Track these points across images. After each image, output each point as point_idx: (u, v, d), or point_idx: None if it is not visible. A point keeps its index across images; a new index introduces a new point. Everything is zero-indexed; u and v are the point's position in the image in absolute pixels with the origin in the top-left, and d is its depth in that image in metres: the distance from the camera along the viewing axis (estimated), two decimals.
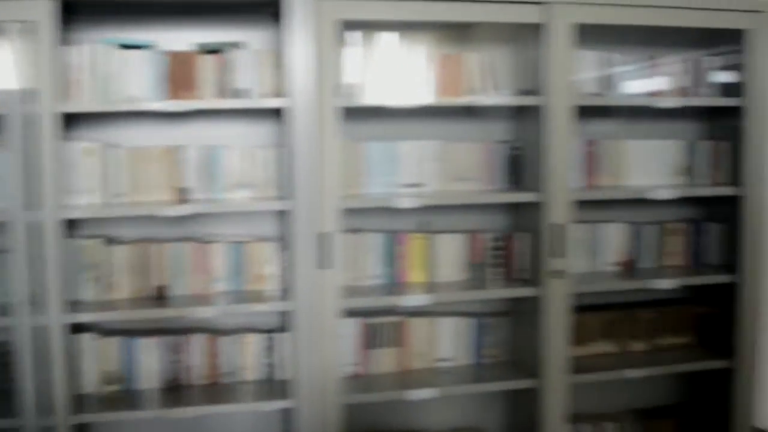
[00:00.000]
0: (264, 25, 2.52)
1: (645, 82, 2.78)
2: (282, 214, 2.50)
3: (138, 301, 2.42)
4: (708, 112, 2.93)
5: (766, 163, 2.72)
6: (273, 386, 2.52)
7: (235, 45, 2.42)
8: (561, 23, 2.46)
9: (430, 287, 2.60)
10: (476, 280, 2.67)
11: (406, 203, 2.46)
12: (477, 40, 2.72)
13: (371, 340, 2.65)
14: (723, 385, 2.86)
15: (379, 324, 2.65)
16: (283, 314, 2.53)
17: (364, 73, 2.50)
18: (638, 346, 2.88)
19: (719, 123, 2.89)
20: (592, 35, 2.62)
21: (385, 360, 2.67)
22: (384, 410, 2.73)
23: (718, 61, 2.83)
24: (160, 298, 2.44)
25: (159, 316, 2.37)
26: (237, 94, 2.38)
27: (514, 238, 2.67)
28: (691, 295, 2.98)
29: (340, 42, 2.37)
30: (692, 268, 2.89)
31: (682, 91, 2.78)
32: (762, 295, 2.79)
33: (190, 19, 2.50)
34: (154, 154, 2.43)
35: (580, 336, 2.75)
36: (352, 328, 2.61)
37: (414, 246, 2.64)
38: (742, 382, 2.81)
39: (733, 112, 2.73)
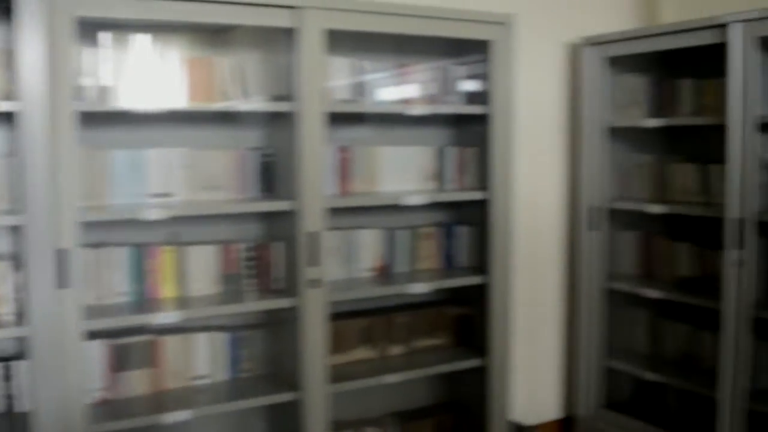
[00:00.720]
0: None
1: (396, 89, 3.21)
2: (14, 230, 2.57)
3: None
4: (456, 119, 3.45)
5: (510, 168, 3.27)
6: (11, 420, 2.56)
7: None
8: (312, 28, 2.79)
9: (183, 302, 2.81)
10: (231, 293, 2.93)
11: (153, 214, 2.63)
12: (230, 44, 2.98)
13: (120, 362, 2.80)
14: (480, 382, 3.37)
15: (129, 344, 2.82)
16: (20, 340, 2.59)
17: (111, 75, 2.64)
18: (396, 350, 3.32)
19: (466, 129, 3.42)
20: (344, 42, 3.01)
21: (136, 382, 2.84)
22: None
23: (466, 69, 3.34)
24: None
25: None
26: None
27: (268, 248, 2.97)
28: (445, 297, 3.49)
29: (79, 41, 2.49)
30: (445, 270, 3.39)
31: (432, 99, 3.26)
32: (511, 294, 3.34)
33: None
34: None
35: (338, 344, 3.13)
36: (97, 350, 2.75)
37: (164, 259, 2.84)
38: (497, 379, 3.35)
39: (479, 119, 3.26)
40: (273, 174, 2.98)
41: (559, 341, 4.05)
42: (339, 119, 3.03)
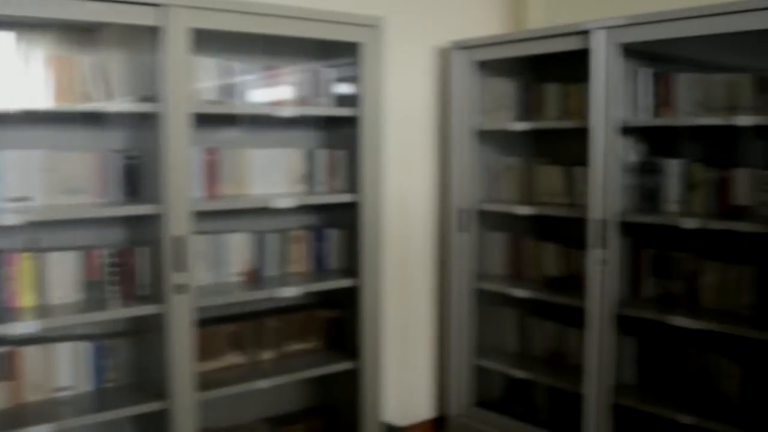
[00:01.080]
0: None
1: (266, 90, 3.28)
2: None
3: None
4: (326, 121, 3.56)
5: (380, 170, 3.39)
6: None
7: None
8: (178, 27, 2.82)
9: (43, 311, 2.79)
10: (94, 300, 2.93)
11: (10, 219, 2.61)
12: (95, 43, 2.98)
13: None
14: (352, 385, 3.49)
15: None
16: None
17: None
18: (267, 355, 3.40)
19: (337, 132, 3.53)
20: (212, 42, 3.07)
21: None
22: None
23: (337, 72, 3.45)
24: None
25: None
26: None
27: (133, 253, 2.99)
28: (316, 300, 3.60)
29: None
30: (316, 273, 3.49)
31: (302, 101, 3.35)
32: (382, 296, 3.47)
33: None
34: None
35: (207, 350, 3.19)
36: None
37: (22, 267, 2.82)
38: (368, 381, 3.47)
39: (349, 122, 3.37)
40: (137, 177, 3.00)
41: (431, 342, 4.22)
42: (207, 121, 3.08)
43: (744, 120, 2.94)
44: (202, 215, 3.05)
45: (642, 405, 3.31)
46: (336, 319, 3.57)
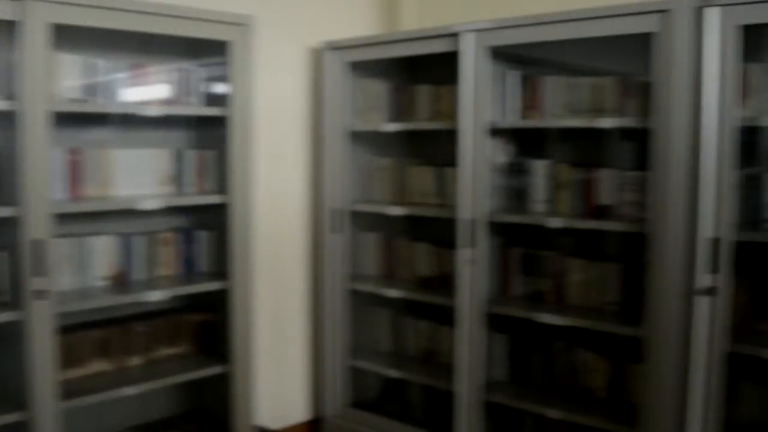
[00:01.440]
0: None
1: (133, 89, 3.23)
2: None
3: None
4: (196, 121, 3.53)
5: (250, 171, 3.39)
6: None
7: None
8: (36, 22, 2.74)
9: None
10: None
11: None
12: None
13: None
14: (224, 389, 3.47)
15: None
16: None
17: None
18: (135, 361, 3.35)
19: (206, 132, 3.51)
20: (76, 38, 3.01)
21: None
22: None
23: (207, 71, 3.43)
24: None
25: None
26: None
27: None
28: (186, 303, 3.56)
29: None
30: (185, 276, 3.46)
31: (171, 100, 3.32)
32: (253, 299, 3.46)
33: None
34: None
35: (71, 357, 3.11)
36: None
37: None
38: (241, 384, 3.46)
39: (219, 122, 3.36)
40: None
41: (305, 343, 4.24)
42: (70, 120, 3.01)
43: (608, 122, 3.08)
44: (65, 218, 2.98)
45: (512, 401, 3.42)
46: (206, 323, 3.55)
